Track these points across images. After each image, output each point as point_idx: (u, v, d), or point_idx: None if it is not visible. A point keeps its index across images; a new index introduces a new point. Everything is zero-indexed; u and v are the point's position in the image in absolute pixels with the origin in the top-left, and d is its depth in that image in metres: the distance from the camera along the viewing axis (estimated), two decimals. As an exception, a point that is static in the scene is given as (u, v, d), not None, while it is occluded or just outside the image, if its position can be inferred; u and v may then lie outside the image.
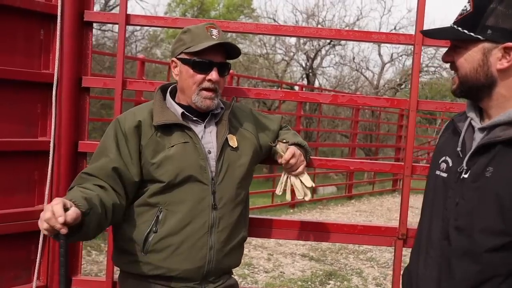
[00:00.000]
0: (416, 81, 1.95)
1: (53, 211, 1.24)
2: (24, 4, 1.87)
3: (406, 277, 1.41)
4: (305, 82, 15.48)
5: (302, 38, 13.59)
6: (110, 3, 13.59)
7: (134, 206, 1.59)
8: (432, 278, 1.27)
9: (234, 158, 1.63)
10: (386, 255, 5.76)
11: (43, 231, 1.28)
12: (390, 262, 5.46)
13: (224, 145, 1.62)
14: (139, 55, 9.86)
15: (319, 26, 15.00)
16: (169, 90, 1.69)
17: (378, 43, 13.80)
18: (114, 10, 12.56)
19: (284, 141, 1.71)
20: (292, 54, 16.02)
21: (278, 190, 1.78)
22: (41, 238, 1.90)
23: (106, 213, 1.48)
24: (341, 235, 1.99)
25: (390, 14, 31.08)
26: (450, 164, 1.29)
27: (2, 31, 1.84)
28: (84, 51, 2.02)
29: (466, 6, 1.25)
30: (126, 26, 1.98)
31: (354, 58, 16.75)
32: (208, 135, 1.62)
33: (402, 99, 2.07)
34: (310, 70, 15.60)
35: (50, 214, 1.24)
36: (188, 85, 1.59)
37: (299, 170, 1.72)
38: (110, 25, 10.73)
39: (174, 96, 1.68)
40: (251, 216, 1.86)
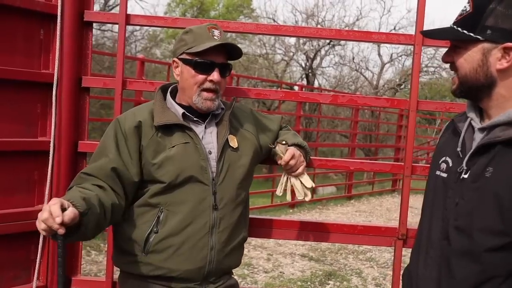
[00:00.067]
0: (416, 81, 1.94)
1: (50, 212, 1.24)
2: (24, 4, 1.86)
3: (406, 277, 1.41)
4: (304, 82, 15.47)
5: (302, 38, 13.60)
6: (110, 3, 13.59)
7: (134, 207, 1.59)
8: (432, 278, 1.27)
9: (234, 158, 1.63)
10: (385, 255, 5.77)
11: (41, 232, 1.28)
12: (389, 262, 5.46)
13: (224, 145, 1.62)
14: (139, 55, 9.86)
15: (319, 26, 15.00)
16: (169, 90, 1.69)
17: (378, 43, 13.80)
18: (114, 10, 12.55)
19: (283, 142, 1.71)
20: (291, 54, 16.02)
21: (278, 191, 1.77)
22: (41, 238, 1.90)
23: (105, 213, 1.47)
24: (341, 235, 1.99)
25: (389, 14, 31.16)
26: (450, 164, 1.29)
27: (2, 31, 1.84)
28: (84, 51, 2.02)
29: (465, 7, 1.25)
30: (126, 26, 1.98)
31: (353, 58, 16.76)
32: (208, 136, 1.62)
33: (402, 99, 2.06)
34: (309, 70, 15.60)
35: (48, 214, 1.24)
36: (189, 85, 1.59)
37: (299, 171, 1.72)
38: (109, 25, 10.73)
39: (174, 96, 1.68)
40: (251, 216, 1.86)
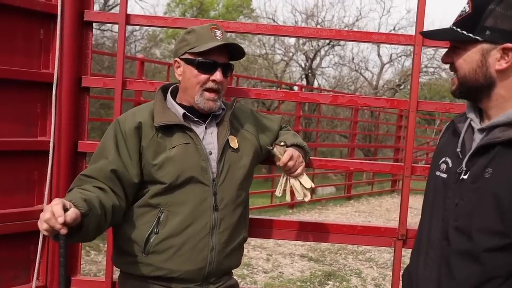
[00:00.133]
0: (416, 81, 1.94)
1: (52, 212, 1.24)
2: (24, 3, 1.86)
3: (406, 277, 1.41)
4: (304, 82, 15.47)
5: (301, 38, 13.61)
6: (110, 3, 13.58)
7: (135, 207, 1.59)
8: (432, 278, 1.27)
9: (235, 159, 1.63)
10: (385, 256, 5.77)
11: (43, 232, 1.28)
12: (389, 263, 5.46)
13: (225, 146, 1.61)
14: (139, 55, 9.85)
15: (318, 26, 14.99)
16: (170, 90, 1.69)
17: (378, 44, 13.80)
18: (114, 10, 12.54)
19: (281, 144, 1.70)
20: (291, 54, 16.02)
21: (277, 192, 1.77)
22: (40, 238, 1.90)
23: (106, 214, 1.47)
24: (340, 236, 1.99)
25: (389, 14, 31.11)
26: (450, 165, 1.29)
27: (2, 31, 1.84)
28: (84, 51, 2.02)
29: (465, 7, 1.25)
30: (126, 26, 1.98)
31: (353, 59, 16.76)
32: (209, 136, 1.62)
33: (402, 100, 2.06)
34: (309, 71, 15.60)
35: (50, 214, 1.24)
36: (191, 85, 1.59)
37: (298, 171, 1.72)
38: (109, 25, 10.72)
39: (175, 96, 1.67)
40: (251, 216, 1.85)
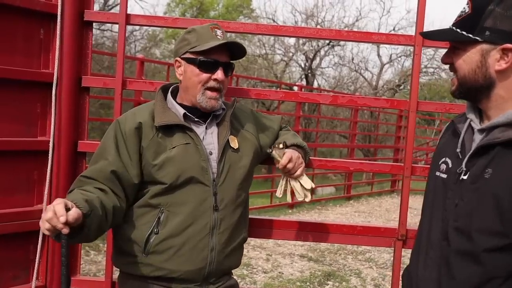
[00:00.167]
0: (416, 82, 1.94)
1: (54, 211, 1.25)
2: (24, 3, 1.86)
3: (406, 278, 1.41)
4: (304, 82, 15.47)
5: (301, 38, 13.61)
6: (110, 3, 13.57)
7: (135, 207, 1.59)
8: (432, 279, 1.27)
9: (235, 159, 1.63)
10: (384, 256, 5.77)
11: (45, 231, 1.28)
12: (388, 263, 5.46)
13: (225, 146, 1.61)
14: (138, 55, 9.85)
15: (318, 26, 14.99)
16: (170, 90, 1.69)
17: (378, 44, 13.81)
18: (113, 10, 12.54)
19: (280, 146, 1.69)
20: (291, 54, 16.02)
21: (278, 193, 1.77)
22: (40, 238, 1.90)
23: (107, 215, 1.47)
24: (340, 236, 1.99)
25: (389, 15, 31.10)
26: (450, 165, 1.29)
27: (2, 31, 1.84)
28: (84, 51, 2.02)
29: (465, 8, 1.25)
30: (126, 26, 1.98)
31: (353, 59, 16.77)
32: (209, 136, 1.62)
33: (402, 100, 2.06)
34: (309, 71, 15.60)
35: (52, 214, 1.24)
36: (193, 84, 1.59)
37: (298, 173, 1.71)
38: (109, 24, 10.72)
39: (175, 96, 1.67)
40: (251, 216, 1.86)
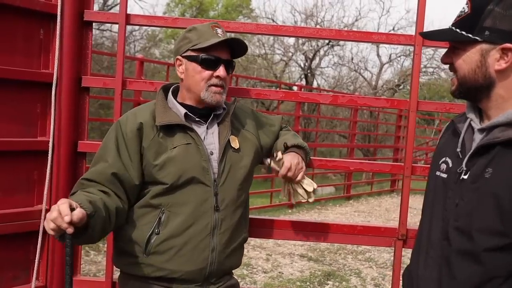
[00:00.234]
0: (416, 81, 1.94)
1: (59, 211, 1.25)
2: (24, 3, 1.86)
3: (406, 277, 1.41)
4: (303, 82, 15.47)
5: (301, 38, 13.60)
6: (109, 3, 13.57)
7: (135, 208, 1.58)
8: (432, 278, 1.27)
9: (236, 159, 1.63)
10: (384, 256, 5.77)
11: (50, 231, 1.28)
12: (388, 263, 5.46)
13: (226, 146, 1.61)
14: (138, 55, 9.85)
15: (318, 26, 15.00)
16: (171, 90, 1.68)
17: (378, 44, 13.81)
18: (113, 10, 12.54)
19: (277, 158, 1.67)
20: (290, 54, 16.02)
21: (282, 195, 1.79)
22: (39, 238, 1.90)
23: (110, 216, 1.47)
24: (341, 236, 1.99)
25: (388, 15, 31.11)
26: (450, 165, 1.29)
27: (1, 31, 1.84)
28: (84, 51, 2.02)
29: (464, 8, 1.25)
30: (126, 26, 1.98)
31: (352, 59, 16.77)
32: (210, 136, 1.62)
33: (402, 100, 2.06)
34: (308, 71, 15.60)
35: (57, 213, 1.25)
36: (195, 82, 1.59)
37: (298, 178, 1.71)
38: (108, 25, 10.72)
39: (175, 96, 1.67)
40: (252, 216, 1.86)
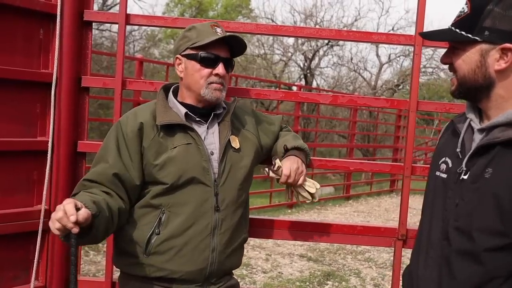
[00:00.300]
0: (416, 81, 1.94)
1: (65, 210, 1.25)
2: (23, 3, 1.86)
3: (406, 277, 1.41)
4: (303, 82, 15.48)
5: (300, 38, 13.61)
6: (108, 3, 13.57)
7: (136, 208, 1.58)
8: (432, 278, 1.27)
9: (236, 159, 1.63)
10: (384, 256, 5.77)
11: (55, 231, 1.28)
12: (388, 263, 5.47)
13: (226, 146, 1.61)
14: (137, 55, 9.85)
15: (317, 26, 15.00)
16: (171, 89, 1.68)
17: (378, 44, 13.82)
18: (112, 10, 12.53)
19: (274, 168, 1.66)
20: (290, 54, 16.03)
21: (286, 198, 1.80)
22: (39, 238, 1.90)
23: (113, 217, 1.48)
24: (341, 236, 1.99)
25: (388, 15, 31.08)
26: (450, 165, 1.29)
27: (1, 31, 1.84)
28: (83, 51, 2.01)
29: (463, 8, 1.25)
30: (126, 26, 1.98)
31: (352, 59, 16.78)
32: (211, 136, 1.62)
33: (402, 100, 2.06)
34: (308, 71, 15.61)
35: (62, 213, 1.25)
36: (195, 80, 1.59)
37: (299, 183, 1.71)
38: (107, 24, 10.71)
39: (176, 95, 1.66)
40: (252, 216, 1.86)
